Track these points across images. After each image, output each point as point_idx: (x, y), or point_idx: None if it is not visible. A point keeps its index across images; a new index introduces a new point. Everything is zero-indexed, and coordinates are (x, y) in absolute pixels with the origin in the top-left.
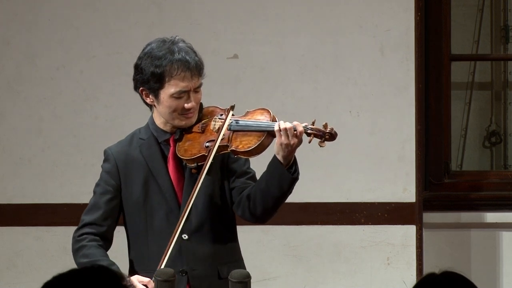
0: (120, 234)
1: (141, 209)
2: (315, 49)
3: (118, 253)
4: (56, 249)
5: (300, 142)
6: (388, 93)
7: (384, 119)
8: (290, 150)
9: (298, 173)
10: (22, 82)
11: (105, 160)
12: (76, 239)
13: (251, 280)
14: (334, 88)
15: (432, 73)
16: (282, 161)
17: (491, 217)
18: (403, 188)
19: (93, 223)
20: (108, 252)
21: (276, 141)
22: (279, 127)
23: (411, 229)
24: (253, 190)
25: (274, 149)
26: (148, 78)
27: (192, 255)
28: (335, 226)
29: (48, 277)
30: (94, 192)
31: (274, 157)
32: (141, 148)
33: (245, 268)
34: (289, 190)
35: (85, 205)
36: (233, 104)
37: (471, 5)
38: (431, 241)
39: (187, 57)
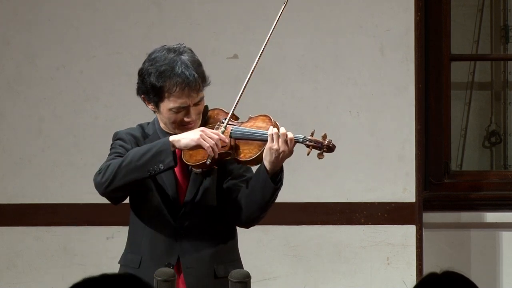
0: (121, 234)
1: (143, 195)
2: (315, 49)
3: (120, 253)
4: (56, 249)
5: (290, 152)
6: (388, 93)
7: (384, 119)
8: (277, 157)
9: (281, 183)
10: (22, 82)
11: (118, 138)
12: (100, 171)
13: (251, 280)
14: (334, 88)
15: (432, 73)
16: (268, 167)
17: (491, 217)
18: (403, 188)
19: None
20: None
21: (266, 146)
22: (272, 132)
23: (411, 229)
24: (240, 194)
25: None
26: (148, 90)
27: (189, 253)
28: (335, 226)
29: (48, 277)
30: (110, 156)
31: (262, 163)
32: (148, 143)
33: (242, 268)
34: (271, 199)
35: (85, 205)
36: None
37: (471, 5)
38: (431, 241)
39: (187, 73)
